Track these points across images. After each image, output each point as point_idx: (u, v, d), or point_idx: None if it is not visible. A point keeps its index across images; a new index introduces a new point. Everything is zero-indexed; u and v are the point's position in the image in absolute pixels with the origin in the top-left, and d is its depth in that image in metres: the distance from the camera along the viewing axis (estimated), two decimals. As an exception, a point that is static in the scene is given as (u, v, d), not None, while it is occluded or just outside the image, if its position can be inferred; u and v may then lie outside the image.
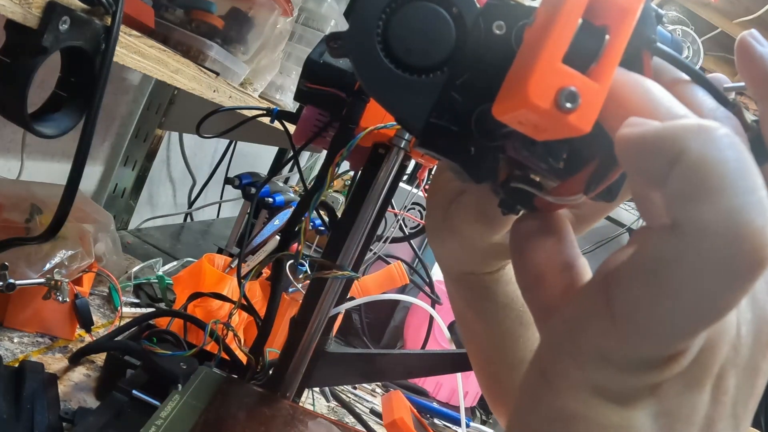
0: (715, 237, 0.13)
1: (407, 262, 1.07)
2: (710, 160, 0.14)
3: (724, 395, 0.17)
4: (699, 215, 0.14)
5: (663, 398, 0.16)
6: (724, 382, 0.17)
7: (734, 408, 0.17)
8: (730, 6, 1.58)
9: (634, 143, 0.15)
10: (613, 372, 0.16)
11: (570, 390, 0.16)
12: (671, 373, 0.16)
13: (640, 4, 0.16)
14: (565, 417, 0.16)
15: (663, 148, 0.14)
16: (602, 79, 0.16)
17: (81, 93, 0.46)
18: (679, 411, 0.16)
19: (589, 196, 0.19)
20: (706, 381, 0.16)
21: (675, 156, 0.14)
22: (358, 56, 0.20)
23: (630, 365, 0.15)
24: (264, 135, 1.49)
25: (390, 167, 0.49)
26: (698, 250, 0.14)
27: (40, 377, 0.55)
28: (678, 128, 0.14)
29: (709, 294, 0.14)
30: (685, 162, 0.14)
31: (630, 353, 0.15)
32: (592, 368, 0.16)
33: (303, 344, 0.52)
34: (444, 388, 1.02)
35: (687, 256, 0.14)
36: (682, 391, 0.16)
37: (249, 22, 0.78)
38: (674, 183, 0.14)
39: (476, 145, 0.20)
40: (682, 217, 0.14)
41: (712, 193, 0.13)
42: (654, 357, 0.15)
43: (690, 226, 0.14)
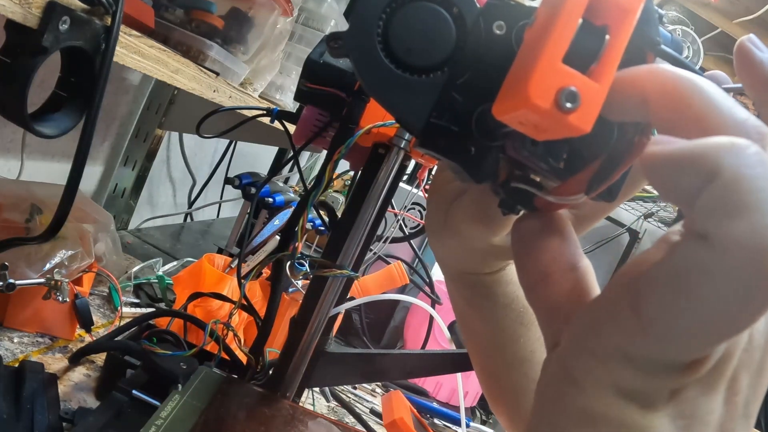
0: (746, 252, 0.14)
1: (407, 262, 1.07)
2: (745, 178, 0.14)
3: (736, 396, 0.17)
4: (732, 231, 0.14)
5: (682, 402, 0.16)
6: (737, 384, 0.17)
7: (746, 408, 0.17)
8: (730, 6, 1.58)
9: (666, 161, 0.15)
10: (636, 373, 0.16)
11: (595, 389, 0.17)
12: (692, 379, 0.16)
13: (641, 4, 0.16)
14: (591, 417, 0.17)
15: (697, 166, 0.15)
16: (602, 78, 0.16)
17: (81, 93, 0.46)
18: (696, 414, 0.16)
19: (589, 196, 0.19)
20: (721, 385, 0.17)
21: (710, 174, 0.14)
22: (358, 56, 0.20)
23: (653, 367, 0.16)
24: (264, 135, 1.49)
25: (390, 167, 0.49)
26: (729, 264, 0.14)
27: (40, 377, 0.55)
28: (712, 146, 0.15)
29: (736, 306, 0.14)
30: (721, 180, 0.14)
31: (654, 355, 0.16)
32: (617, 368, 0.16)
33: (303, 344, 0.52)
34: (444, 388, 1.02)
35: (718, 268, 0.14)
36: (699, 395, 0.16)
37: (249, 22, 0.78)
38: (708, 199, 0.14)
39: (476, 145, 0.20)
40: (715, 230, 0.14)
41: (745, 210, 0.14)
42: (677, 361, 0.16)
43: (722, 239, 0.14)
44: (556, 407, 0.18)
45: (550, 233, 0.20)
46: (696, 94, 0.16)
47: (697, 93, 0.16)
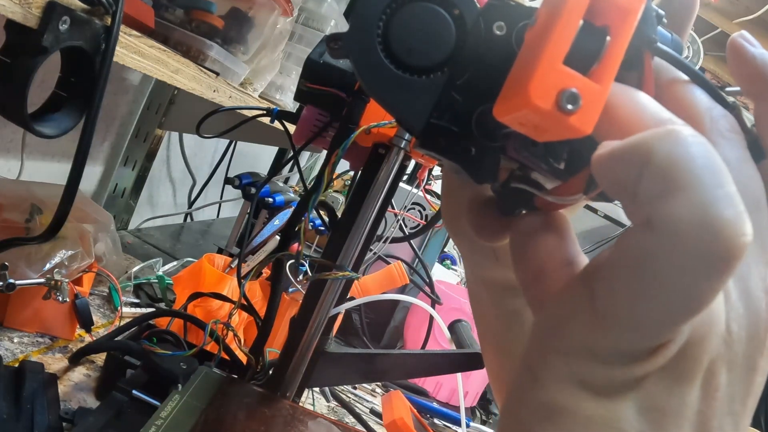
0: (688, 230, 0.14)
1: (407, 262, 1.07)
2: (677, 158, 0.14)
3: (716, 391, 0.17)
4: (670, 211, 0.14)
5: (649, 392, 0.16)
6: (715, 378, 0.17)
7: (731, 405, 0.17)
8: (730, 6, 1.58)
9: (606, 159, 0.16)
10: (597, 365, 0.16)
11: (556, 384, 0.17)
12: (655, 366, 0.16)
13: (642, 5, 0.16)
14: (553, 411, 0.16)
15: (633, 156, 0.15)
16: (603, 80, 0.16)
17: (81, 93, 0.46)
18: (667, 406, 0.16)
19: (588, 196, 0.19)
20: (695, 375, 0.16)
21: (644, 160, 0.15)
22: (358, 57, 0.20)
23: (613, 358, 0.16)
24: (264, 135, 1.49)
25: (390, 167, 0.49)
26: (672, 245, 0.14)
27: (40, 377, 0.55)
28: (646, 135, 0.15)
29: (686, 286, 0.14)
30: (654, 162, 0.14)
31: (613, 346, 0.16)
32: (577, 362, 0.16)
33: (303, 344, 0.52)
34: (444, 388, 1.02)
35: (661, 250, 0.14)
36: (670, 386, 0.16)
37: (249, 22, 0.78)
38: (644, 184, 0.15)
39: (477, 146, 0.20)
40: (655, 214, 0.14)
41: (680, 188, 0.14)
42: (636, 350, 0.16)
43: (662, 221, 0.14)
44: (520, 403, 0.18)
45: (549, 230, 0.20)
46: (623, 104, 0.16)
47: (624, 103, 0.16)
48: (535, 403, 0.17)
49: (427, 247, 1.15)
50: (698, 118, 0.19)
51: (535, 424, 0.17)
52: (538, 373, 0.17)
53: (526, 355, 0.18)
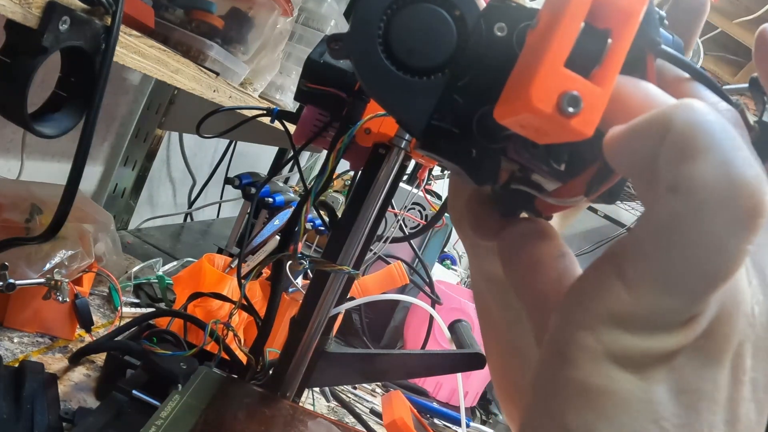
0: (713, 189, 0.14)
1: (407, 262, 1.07)
2: (696, 123, 0.15)
3: (744, 375, 0.16)
4: (694, 173, 0.14)
5: (682, 372, 0.16)
6: (743, 361, 0.16)
7: (755, 392, 0.17)
8: (730, 6, 1.58)
9: (623, 136, 0.16)
10: (629, 337, 0.16)
11: (589, 362, 0.16)
12: (687, 339, 0.16)
13: (643, 7, 0.16)
14: (588, 392, 0.16)
15: (652, 127, 0.15)
16: (605, 82, 0.16)
17: (81, 93, 0.46)
18: (701, 388, 0.16)
19: (589, 198, 0.19)
20: (726, 355, 0.16)
21: (664, 130, 0.15)
22: (358, 57, 0.20)
23: (646, 328, 0.16)
24: (264, 135, 1.49)
25: (390, 167, 0.49)
26: (698, 204, 0.14)
27: (40, 377, 0.55)
28: (663, 108, 0.15)
29: (716, 245, 0.14)
30: (674, 130, 0.15)
31: (645, 314, 0.15)
32: (608, 335, 0.16)
33: (303, 344, 0.52)
34: (444, 388, 1.02)
35: (690, 210, 0.14)
36: (702, 366, 0.16)
37: (249, 22, 0.78)
38: (666, 153, 0.15)
39: (477, 148, 0.20)
40: (679, 178, 0.15)
41: (702, 151, 0.14)
42: (669, 318, 0.15)
43: (687, 183, 0.14)
44: (552, 390, 0.17)
45: (538, 230, 0.21)
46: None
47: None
48: (569, 387, 0.16)
49: (427, 247, 1.15)
50: None
51: (570, 411, 0.16)
52: (569, 354, 0.16)
53: (551, 340, 0.17)
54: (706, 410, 0.16)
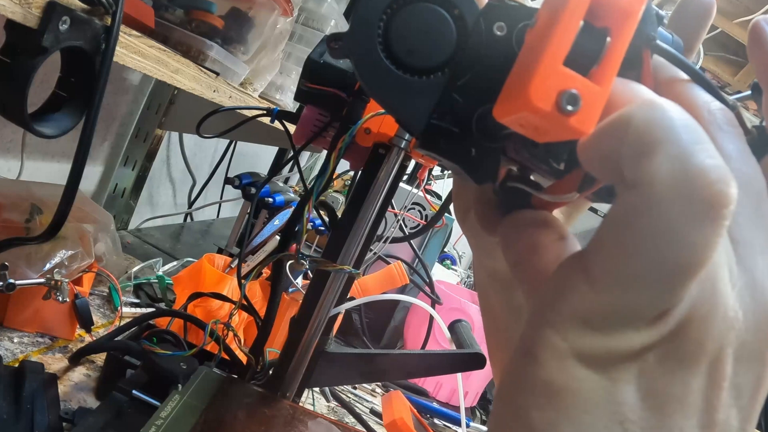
0: (670, 182, 0.14)
1: (407, 262, 1.07)
2: (654, 119, 0.15)
3: (723, 381, 0.16)
4: (652, 167, 0.14)
5: (651, 373, 0.16)
6: (722, 367, 0.16)
7: (738, 398, 0.16)
8: (730, 6, 1.58)
9: (590, 139, 0.16)
10: (594, 336, 0.16)
11: (554, 360, 0.16)
12: (652, 338, 0.15)
13: (642, 6, 0.16)
14: (552, 390, 0.16)
15: (614, 127, 0.15)
16: (603, 81, 0.16)
17: (81, 93, 0.46)
18: (670, 390, 0.16)
19: (582, 194, 0.19)
20: (700, 360, 0.16)
21: (624, 128, 0.15)
22: (358, 57, 0.20)
23: (609, 325, 0.15)
24: (264, 135, 1.49)
25: (390, 167, 0.49)
26: (656, 197, 0.14)
27: (40, 377, 0.55)
28: (624, 109, 0.15)
29: (677, 239, 0.14)
30: (633, 126, 0.15)
31: (608, 310, 0.15)
32: (574, 334, 0.16)
33: (303, 344, 0.52)
34: (444, 388, 1.02)
35: (647, 204, 0.14)
36: (673, 369, 0.16)
37: (249, 22, 0.78)
38: (626, 150, 0.15)
39: (477, 147, 0.20)
40: (638, 173, 0.15)
41: (658, 144, 0.14)
42: (633, 315, 0.15)
43: (646, 178, 0.14)
44: (517, 388, 0.17)
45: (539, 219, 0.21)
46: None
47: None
48: (533, 384, 0.16)
49: (427, 247, 1.15)
50: (696, 111, 0.19)
51: (534, 409, 0.16)
52: (535, 351, 0.16)
53: (522, 337, 0.17)
54: (676, 413, 0.16)
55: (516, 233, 0.21)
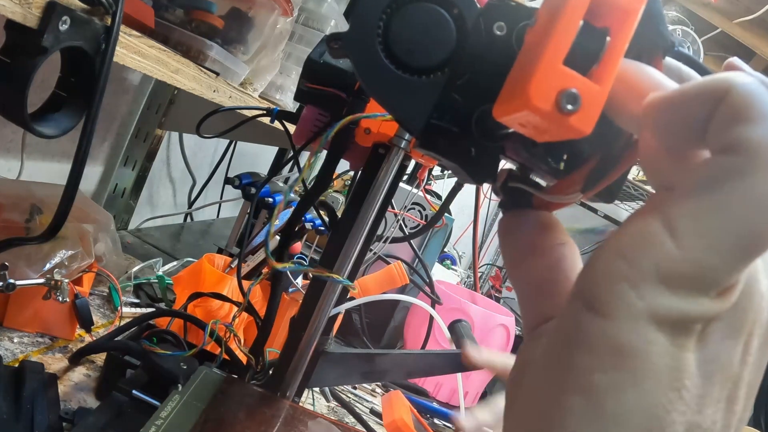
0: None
1: (407, 262, 1.07)
2: (756, 90, 0.15)
3: (749, 356, 0.16)
4: (752, 134, 0.14)
5: (709, 343, 0.16)
6: (753, 341, 0.16)
7: (752, 374, 0.16)
8: (730, 6, 1.57)
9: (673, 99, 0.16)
10: (673, 298, 0.15)
11: (627, 319, 0.15)
12: (723, 307, 0.15)
13: (642, 5, 0.16)
14: (622, 352, 0.15)
15: (707, 92, 0.15)
16: (603, 80, 0.16)
17: (81, 93, 0.46)
18: (719, 360, 0.16)
19: (586, 195, 0.19)
20: (743, 333, 0.16)
21: (722, 93, 0.15)
22: (358, 57, 0.20)
23: (689, 287, 0.15)
24: (264, 135, 1.49)
25: (390, 167, 0.49)
26: (755, 163, 0.14)
27: (40, 377, 0.55)
28: (720, 76, 0.15)
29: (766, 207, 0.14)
30: (734, 93, 0.15)
31: (690, 272, 0.15)
32: (651, 292, 0.15)
33: (303, 344, 0.52)
34: (444, 388, 1.02)
35: (745, 169, 0.14)
36: (724, 338, 0.16)
37: (249, 22, 0.78)
38: (724, 113, 0.15)
39: (476, 146, 0.20)
40: (736, 138, 0.15)
41: (761, 115, 0.14)
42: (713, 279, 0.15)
43: (745, 144, 0.14)
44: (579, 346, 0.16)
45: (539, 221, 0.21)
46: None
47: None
48: (602, 343, 0.15)
49: (427, 247, 1.15)
50: None
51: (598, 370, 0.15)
52: (606, 309, 0.15)
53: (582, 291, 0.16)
54: (717, 384, 0.16)
55: (515, 233, 0.21)
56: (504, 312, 1.13)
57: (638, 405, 0.15)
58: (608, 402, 0.15)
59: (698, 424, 0.15)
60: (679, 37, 0.27)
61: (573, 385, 0.16)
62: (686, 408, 0.15)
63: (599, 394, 0.15)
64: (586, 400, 0.15)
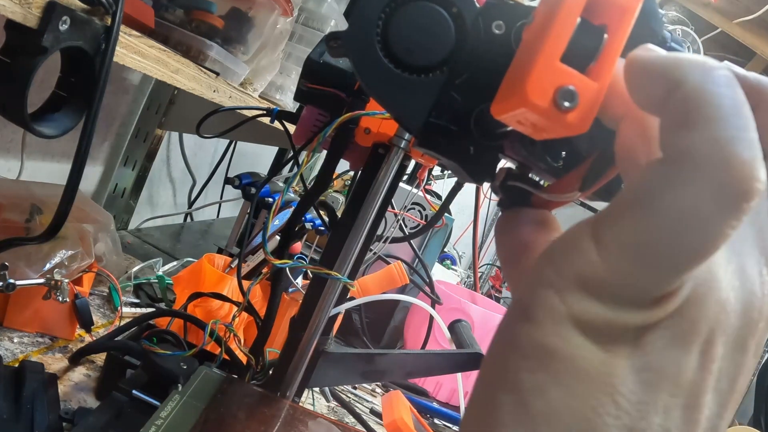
0: (705, 164, 0.14)
1: (407, 262, 1.07)
2: (707, 91, 0.14)
3: (712, 363, 0.16)
4: (690, 142, 0.14)
5: (647, 351, 0.15)
6: (713, 349, 0.16)
7: (718, 382, 0.16)
8: (730, 6, 1.57)
9: (642, 65, 0.16)
10: (596, 305, 0.15)
11: (550, 322, 0.15)
12: (657, 317, 0.15)
13: (639, 3, 0.16)
14: (546, 354, 0.15)
15: (665, 74, 0.15)
16: (601, 77, 0.16)
17: (81, 93, 0.46)
18: (664, 368, 0.15)
19: (584, 194, 0.19)
20: (694, 341, 0.15)
21: (675, 83, 0.15)
22: (357, 56, 0.20)
23: (615, 300, 0.15)
24: (264, 135, 1.49)
25: (390, 167, 0.49)
26: (688, 177, 0.14)
27: (40, 377, 0.55)
28: (682, 59, 0.15)
29: (699, 221, 0.14)
30: (683, 90, 0.14)
31: (614, 283, 0.15)
32: (574, 298, 0.15)
33: (303, 344, 0.52)
34: (444, 388, 1.02)
35: (677, 182, 0.14)
36: (668, 346, 0.15)
37: (249, 22, 0.78)
38: (670, 110, 0.15)
39: (475, 145, 0.20)
40: (674, 144, 0.14)
41: (704, 121, 0.14)
42: (640, 292, 0.15)
43: (681, 153, 0.14)
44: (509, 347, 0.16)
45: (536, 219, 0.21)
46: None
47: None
48: (526, 345, 0.16)
49: (427, 247, 1.15)
50: None
51: (524, 370, 0.16)
52: (531, 312, 0.16)
53: (518, 296, 0.17)
54: (664, 392, 0.15)
55: (511, 231, 0.21)
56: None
57: (566, 406, 0.15)
58: (535, 401, 0.15)
59: (642, 430, 0.15)
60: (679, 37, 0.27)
61: (504, 384, 0.16)
62: (621, 413, 0.15)
63: (526, 393, 0.16)
64: (514, 398, 0.16)
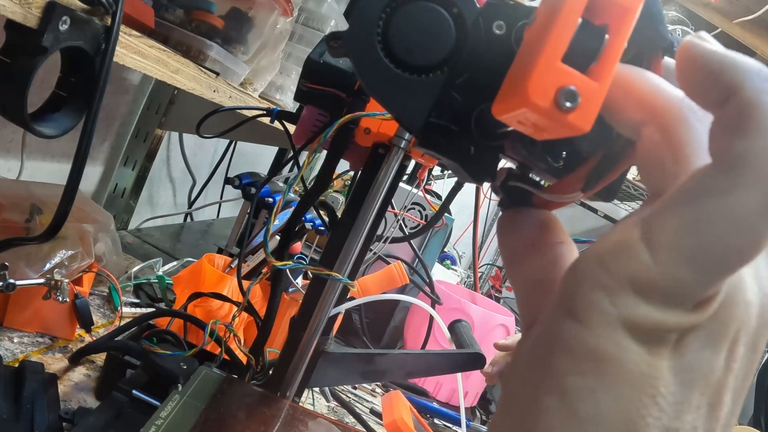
0: (759, 170, 0.14)
1: (407, 262, 1.07)
2: (762, 102, 0.14)
3: (735, 363, 0.16)
4: (746, 148, 0.14)
5: (685, 352, 0.16)
6: (737, 349, 0.16)
7: (737, 380, 0.17)
8: (730, 6, 1.57)
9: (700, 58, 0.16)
10: (646, 308, 0.15)
11: (601, 325, 0.16)
12: (699, 320, 0.16)
13: (640, 4, 0.16)
14: (596, 356, 0.16)
15: (722, 76, 0.15)
16: (602, 78, 0.16)
17: (81, 93, 0.46)
18: (699, 368, 0.16)
19: (586, 194, 0.19)
20: (724, 341, 0.16)
21: (733, 88, 0.15)
22: (358, 55, 0.20)
23: (664, 302, 0.15)
24: (264, 135, 1.49)
25: (390, 167, 0.49)
26: (742, 182, 0.14)
27: (40, 377, 0.55)
28: (739, 63, 0.15)
29: (746, 225, 0.14)
30: (740, 96, 0.15)
31: (665, 284, 0.15)
32: (626, 301, 0.15)
33: (303, 344, 0.52)
34: (444, 388, 1.02)
35: (732, 187, 0.14)
36: (703, 347, 0.16)
37: (249, 22, 0.78)
38: (726, 113, 0.15)
39: (476, 145, 0.20)
40: (729, 148, 0.15)
41: (761, 130, 0.14)
42: (688, 293, 0.15)
43: (736, 158, 0.14)
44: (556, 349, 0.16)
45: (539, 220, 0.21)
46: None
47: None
48: (577, 348, 0.16)
49: (427, 247, 1.15)
50: None
51: (573, 374, 0.16)
52: (582, 314, 0.16)
53: (562, 297, 0.17)
54: (697, 391, 0.16)
55: (513, 231, 0.21)
56: (504, 312, 1.13)
57: (613, 408, 0.15)
58: (583, 404, 0.16)
59: (676, 429, 0.15)
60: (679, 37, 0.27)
61: (549, 386, 0.16)
62: (662, 413, 0.15)
63: (574, 397, 0.16)
64: (562, 401, 0.16)
